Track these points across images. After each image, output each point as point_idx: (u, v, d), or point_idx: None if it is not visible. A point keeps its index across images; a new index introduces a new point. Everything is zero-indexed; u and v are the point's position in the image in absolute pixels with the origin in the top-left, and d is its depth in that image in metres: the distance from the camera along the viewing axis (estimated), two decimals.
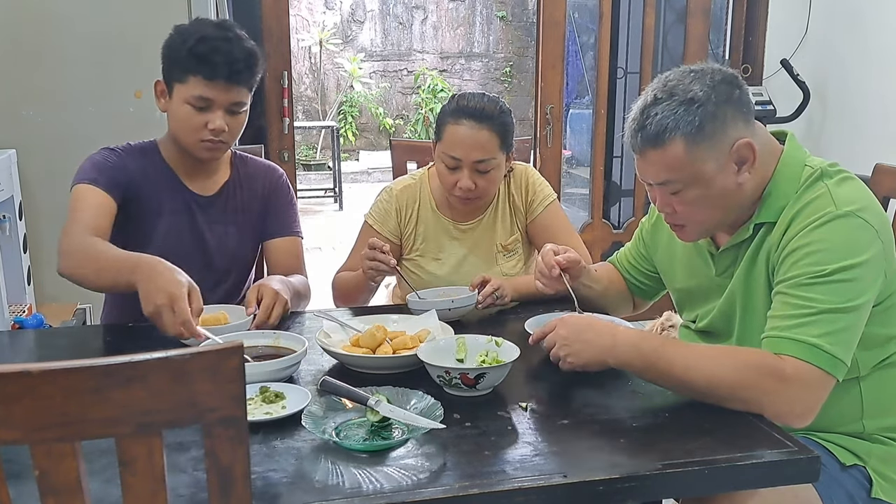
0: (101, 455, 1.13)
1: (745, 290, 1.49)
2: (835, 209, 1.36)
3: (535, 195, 2.10)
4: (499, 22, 10.61)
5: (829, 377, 1.30)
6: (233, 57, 1.78)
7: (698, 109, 1.37)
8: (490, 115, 1.93)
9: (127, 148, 1.92)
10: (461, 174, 1.94)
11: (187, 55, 1.77)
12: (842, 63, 3.56)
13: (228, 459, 0.82)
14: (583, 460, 1.17)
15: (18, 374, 0.75)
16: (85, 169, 1.84)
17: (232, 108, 1.82)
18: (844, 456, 1.46)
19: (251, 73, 1.83)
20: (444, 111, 2.00)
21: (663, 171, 1.42)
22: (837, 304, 1.31)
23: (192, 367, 0.78)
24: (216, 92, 1.78)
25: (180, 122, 1.83)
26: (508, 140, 1.98)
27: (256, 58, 1.83)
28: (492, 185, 1.99)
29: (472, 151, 1.92)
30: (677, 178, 1.42)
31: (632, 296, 1.88)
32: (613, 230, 4.21)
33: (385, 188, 2.15)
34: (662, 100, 1.40)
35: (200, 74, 1.77)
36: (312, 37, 9.95)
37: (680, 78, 1.42)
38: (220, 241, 1.96)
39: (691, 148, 1.38)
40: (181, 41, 1.79)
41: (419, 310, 1.74)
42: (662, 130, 1.38)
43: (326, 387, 1.30)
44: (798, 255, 1.36)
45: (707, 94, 1.38)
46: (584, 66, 6.61)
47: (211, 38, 1.77)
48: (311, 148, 10.13)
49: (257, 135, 3.71)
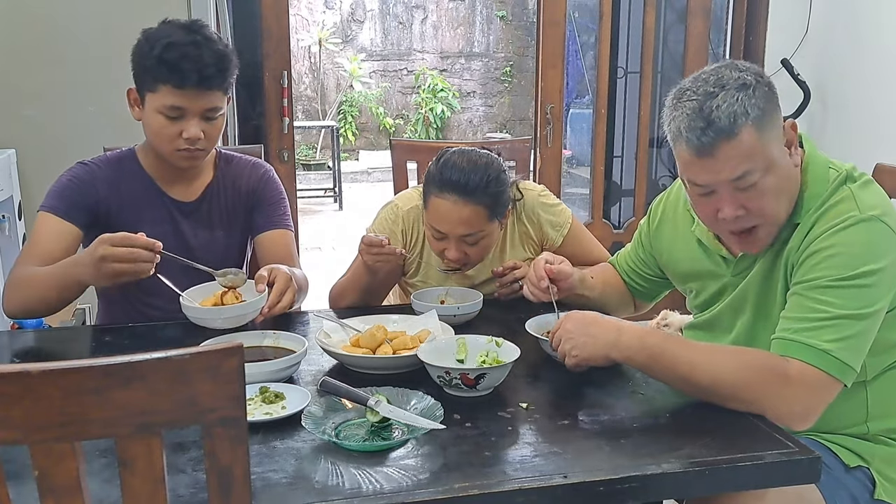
0: (100, 455, 1.13)
1: (761, 289, 1.48)
2: (859, 213, 1.35)
3: (551, 229, 1.99)
4: (499, 21, 10.60)
5: (835, 382, 1.30)
6: (203, 62, 1.71)
7: (755, 93, 1.34)
8: (475, 188, 1.78)
9: (101, 160, 1.89)
10: (449, 244, 1.84)
11: (156, 63, 1.71)
12: (842, 62, 3.55)
13: (228, 460, 0.82)
14: (583, 461, 1.17)
15: (18, 374, 0.75)
16: (50, 193, 1.82)
17: (207, 114, 1.77)
18: (848, 457, 1.46)
19: (223, 77, 1.77)
20: (429, 175, 1.85)
21: (742, 163, 1.34)
22: (853, 310, 1.31)
23: (191, 367, 0.78)
24: (188, 100, 1.73)
25: (155, 132, 1.78)
26: (499, 209, 1.84)
27: (228, 60, 1.77)
28: (483, 252, 1.88)
29: (456, 227, 1.81)
30: (755, 167, 1.34)
31: (632, 298, 1.87)
32: (614, 230, 4.20)
33: (390, 204, 2.03)
34: (716, 93, 1.33)
35: (170, 83, 1.71)
36: (312, 36, 9.95)
37: (719, 71, 1.37)
38: (207, 246, 1.92)
39: (761, 132, 1.34)
40: (149, 48, 1.73)
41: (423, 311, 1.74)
42: (735, 119, 1.32)
43: (326, 387, 1.30)
44: (818, 258, 1.35)
45: (755, 78, 1.36)
46: (584, 65, 6.60)
47: (179, 44, 1.71)
48: (310, 148, 10.13)
49: (257, 135, 3.71)
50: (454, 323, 1.70)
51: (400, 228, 1.98)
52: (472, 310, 1.79)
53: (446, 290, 1.90)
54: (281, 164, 3.72)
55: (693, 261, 1.63)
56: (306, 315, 1.86)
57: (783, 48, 3.74)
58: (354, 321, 1.68)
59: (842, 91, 3.57)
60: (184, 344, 1.50)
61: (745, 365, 1.31)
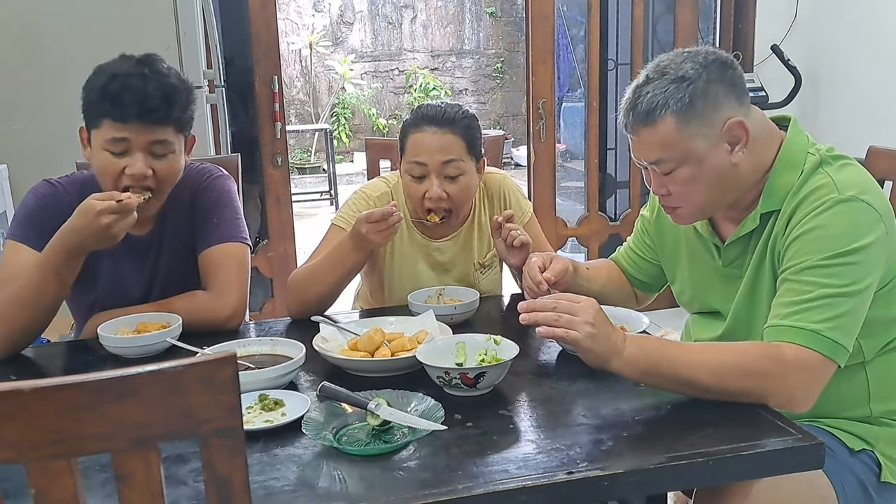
0: (101, 470, 1.13)
1: (752, 279, 1.48)
2: (838, 194, 1.35)
3: (516, 210, 2.00)
4: (488, 18, 10.60)
5: (829, 362, 1.29)
6: (145, 94, 1.62)
7: (688, 87, 1.38)
8: (452, 118, 1.85)
9: (67, 181, 1.82)
10: (429, 183, 1.85)
11: (98, 96, 1.64)
12: (832, 47, 3.55)
13: (226, 470, 0.81)
14: (586, 456, 1.16)
15: (10, 392, 0.74)
16: (18, 219, 1.76)
17: (153, 148, 1.67)
18: (852, 441, 1.45)
19: (170, 111, 1.66)
20: (404, 125, 1.91)
21: (656, 150, 1.42)
22: (839, 289, 1.30)
23: (185, 378, 0.77)
24: (131, 132, 1.64)
25: (99, 171, 1.70)
26: (476, 146, 1.89)
27: (178, 93, 1.67)
28: (463, 194, 1.88)
29: (436, 154, 1.83)
30: (669, 157, 1.42)
31: (634, 291, 1.86)
32: (610, 222, 4.20)
33: (358, 192, 2.01)
34: (654, 79, 1.41)
35: (111, 116, 1.64)
36: (302, 40, 9.94)
37: (672, 58, 1.43)
38: (168, 274, 1.84)
39: (682, 125, 1.39)
40: (95, 81, 1.66)
41: (419, 312, 1.73)
42: (653, 108, 1.39)
43: (326, 392, 1.29)
44: (801, 242, 1.36)
45: (698, 72, 1.39)
46: (574, 59, 6.60)
47: (123, 75, 1.63)
48: (304, 151, 10.12)
49: (249, 141, 3.70)
50: (451, 322, 1.69)
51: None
52: (469, 308, 1.78)
53: (441, 288, 1.90)
54: (275, 170, 3.72)
55: (690, 252, 1.64)
56: (303, 321, 1.85)
57: (773, 34, 3.74)
58: (352, 325, 1.67)
59: (833, 75, 3.57)
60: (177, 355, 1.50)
61: (746, 357, 1.30)
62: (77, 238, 1.59)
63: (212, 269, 1.80)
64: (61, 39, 2.81)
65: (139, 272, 1.84)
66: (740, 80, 1.44)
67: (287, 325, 1.82)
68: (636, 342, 1.33)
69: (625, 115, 1.45)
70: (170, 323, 1.68)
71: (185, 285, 1.82)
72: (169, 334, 1.63)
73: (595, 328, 1.29)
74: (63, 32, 2.80)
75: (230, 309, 1.76)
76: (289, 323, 1.84)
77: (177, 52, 2.84)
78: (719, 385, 1.29)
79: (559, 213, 4.10)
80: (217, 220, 1.84)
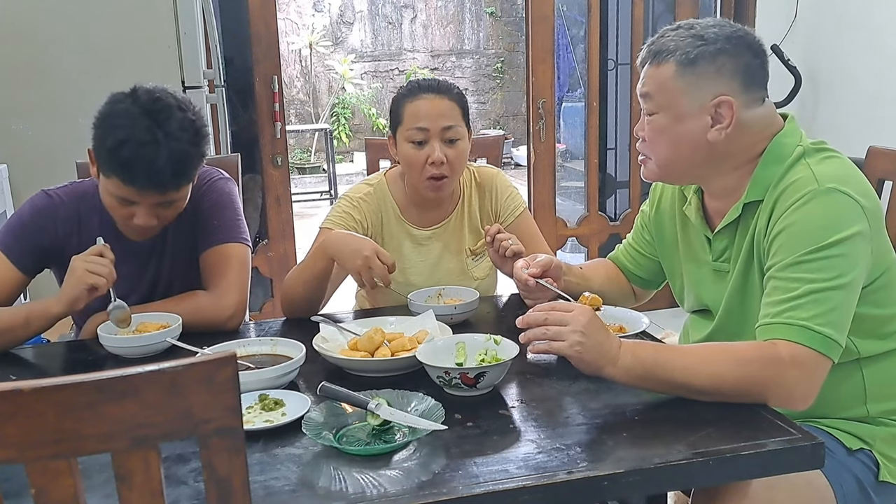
0: (101, 469, 1.12)
1: (741, 273, 1.48)
2: (817, 186, 1.35)
3: (506, 202, 2.05)
4: (488, 18, 10.60)
5: (824, 358, 1.29)
6: (156, 166, 1.60)
7: (700, 46, 1.43)
8: (447, 87, 1.95)
9: (65, 192, 1.82)
10: (430, 148, 1.89)
11: (107, 156, 1.63)
12: (832, 47, 3.55)
13: (226, 470, 0.81)
14: (586, 456, 1.17)
15: (10, 392, 0.74)
16: (8, 228, 1.78)
17: (158, 207, 1.70)
18: (850, 441, 1.45)
19: (177, 180, 1.66)
20: (397, 97, 1.96)
21: (648, 84, 1.48)
22: (825, 283, 1.30)
23: (185, 378, 0.77)
24: (139, 195, 1.65)
25: (107, 206, 1.74)
26: (467, 115, 1.98)
27: (188, 159, 1.66)
28: (461, 158, 1.94)
29: (438, 119, 1.89)
30: (655, 98, 1.47)
31: (632, 288, 1.87)
32: (610, 222, 4.20)
33: (343, 197, 2.02)
34: (680, 28, 1.47)
35: (119, 178, 1.63)
36: (302, 40, 9.94)
37: (708, 20, 1.49)
38: (171, 278, 1.87)
39: (678, 76, 1.44)
40: (103, 134, 1.64)
41: (420, 311, 1.73)
42: (663, 50, 1.46)
43: (326, 392, 1.29)
44: (783, 238, 1.36)
45: (717, 37, 1.44)
46: (574, 59, 6.60)
47: (133, 142, 1.60)
48: (304, 151, 10.12)
49: (250, 141, 3.70)
50: (451, 322, 1.69)
51: (357, 218, 1.96)
52: (469, 308, 1.78)
53: (441, 288, 1.90)
54: (275, 170, 3.72)
55: (686, 247, 1.64)
56: (303, 320, 1.85)
57: (773, 34, 3.73)
58: (352, 325, 1.67)
59: (832, 75, 3.57)
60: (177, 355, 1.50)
61: (741, 359, 1.29)
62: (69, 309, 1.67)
63: (212, 270, 1.82)
64: (61, 39, 2.81)
65: (142, 276, 1.86)
66: (759, 69, 1.46)
67: (287, 325, 1.82)
68: (630, 349, 1.32)
69: (643, 50, 1.51)
70: (170, 323, 1.68)
71: (188, 289, 1.84)
72: (169, 334, 1.64)
73: (585, 337, 1.29)
74: (63, 32, 2.80)
75: (230, 309, 1.77)
76: (289, 323, 1.84)
77: (177, 52, 2.84)
78: (716, 389, 1.28)
79: (559, 213, 4.10)
80: (217, 221, 1.85)
